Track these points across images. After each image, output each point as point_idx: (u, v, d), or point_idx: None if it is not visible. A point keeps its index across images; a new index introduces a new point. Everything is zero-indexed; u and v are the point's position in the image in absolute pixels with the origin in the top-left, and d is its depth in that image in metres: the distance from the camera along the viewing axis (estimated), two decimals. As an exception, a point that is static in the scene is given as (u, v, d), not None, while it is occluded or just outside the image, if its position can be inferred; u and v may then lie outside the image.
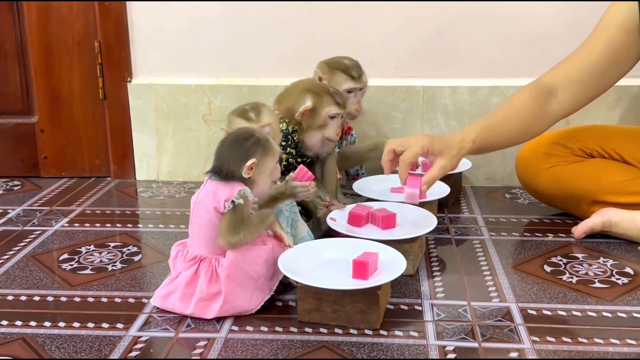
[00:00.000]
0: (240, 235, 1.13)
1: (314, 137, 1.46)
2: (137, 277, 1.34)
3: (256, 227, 1.15)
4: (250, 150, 1.15)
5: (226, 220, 1.13)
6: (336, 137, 1.48)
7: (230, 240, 1.14)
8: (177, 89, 1.91)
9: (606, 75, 1.49)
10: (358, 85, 1.62)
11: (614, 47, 1.47)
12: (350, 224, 1.37)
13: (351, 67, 1.61)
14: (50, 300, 1.24)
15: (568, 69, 1.49)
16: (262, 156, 1.16)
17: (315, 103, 1.43)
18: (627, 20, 1.46)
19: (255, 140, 1.16)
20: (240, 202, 1.13)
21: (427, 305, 1.20)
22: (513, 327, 1.12)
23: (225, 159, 1.16)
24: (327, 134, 1.46)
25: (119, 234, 1.57)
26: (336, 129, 1.47)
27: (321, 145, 1.48)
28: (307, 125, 1.45)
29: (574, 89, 1.47)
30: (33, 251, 1.47)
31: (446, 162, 1.31)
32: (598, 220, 1.47)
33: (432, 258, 1.41)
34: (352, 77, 1.60)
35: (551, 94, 1.46)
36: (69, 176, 2.01)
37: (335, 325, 1.13)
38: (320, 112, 1.44)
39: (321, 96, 1.44)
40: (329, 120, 1.45)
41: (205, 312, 1.16)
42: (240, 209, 1.13)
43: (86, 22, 1.90)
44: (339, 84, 1.57)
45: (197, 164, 1.93)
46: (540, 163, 1.59)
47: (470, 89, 1.84)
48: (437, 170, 1.31)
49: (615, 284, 1.28)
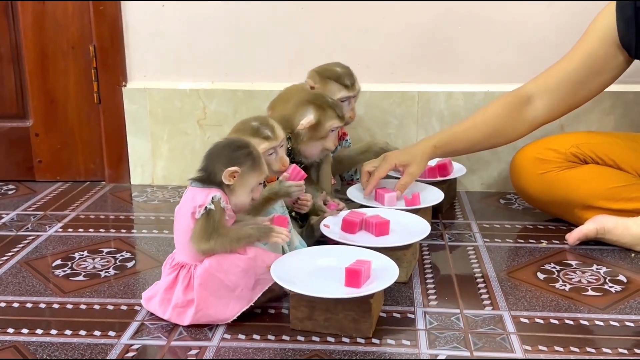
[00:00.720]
0: (211, 244, 1.13)
1: (314, 147, 1.47)
2: (130, 283, 1.33)
3: (230, 241, 1.14)
4: (240, 159, 1.15)
5: (198, 226, 1.13)
6: (334, 147, 1.50)
7: (200, 246, 1.13)
8: (172, 93, 1.91)
9: (585, 85, 1.54)
10: (352, 94, 1.61)
11: (593, 57, 1.51)
12: (343, 230, 1.37)
13: (344, 75, 1.60)
14: (43, 308, 1.24)
15: (547, 78, 1.57)
16: (248, 169, 1.16)
17: (320, 117, 1.44)
18: (607, 32, 1.50)
19: (247, 152, 1.16)
20: (212, 207, 1.12)
21: (420, 313, 1.20)
22: (505, 336, 1.13)
23: (211, 160, 1.16)
24: (326, 145, 1.48)
25: (113, 240, 1.56)
26: (335, 139, 1.49)
27: (320, 153, 1.49)
28: (308, 138, 1.45)
29: (550, 97, 1.55)
30: (26, 257, 1.47)
31: (414, 169, 1.53)
32: (592, 227, 1.47)
33: (426, 265, 1.41)
34: (345, 86, 1.59)
35: (528, 101, 1.56)
36: (63, 180, 2.01)
37: (328, 333, 1.13)
38: (323, 125, 1.45)
39: (325, 110, 1.45)
40: (329, 133, 1.46)
41: (180, 318, 1.16)
42: (212, 215, 1.12)
43: (81, 26, 1.90)
44: (332, 94, 1.57)
45: (192, 168, 1.88)
46: (534, 169, 1.59)
47: (466, 95, 1.84)
48: (406, 177, 1.53)
49: (608, 291, 1.28)
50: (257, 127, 1.30)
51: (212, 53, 1.90)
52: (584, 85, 1.53)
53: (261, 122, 1.31)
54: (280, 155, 1.33)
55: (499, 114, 1.56)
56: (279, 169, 1.32)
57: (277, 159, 1.33)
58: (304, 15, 1.85)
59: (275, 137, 1.31)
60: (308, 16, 1.85)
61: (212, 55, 1.90)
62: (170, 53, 1.91)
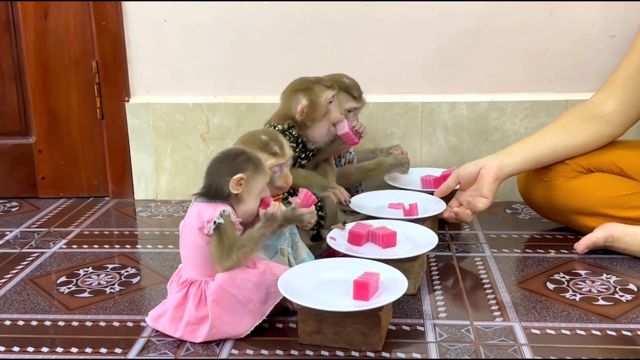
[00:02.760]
0: (233, 258, 1.12)
1: (322, 127, 1.48)
2: (135, 299, 1.32)
3: (249, 247, 1.13)
4: (241, 165, 1.15)
5: (214, 245, 1.12)
6: (342, 116, 1.50)
7: (224, 265, 1.13)
8: (175, 108, 1.91)
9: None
10: (359, 105, 1.64)
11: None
12: (350, 243, 1.36)
13: (352, 87, 1.63)
14: (48, 325, 1.23)
15: (612, 82, 1.53)
16: (252, 173, 1.15)
17: (310, 97, 1.46)
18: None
19: (246, 157, 1.16)
20: (221, 221, 1.11)
21: (430, 326, 1.19)
22: (517, 347, 1.11)
23: (214, 174, 1.16)
24: (332, 118, 1.48)
25: (118, 256, 1.55)
26: (338, 109, 1.50)
27: (329, 132, 1.49)
28: (311, 120, 1.46)
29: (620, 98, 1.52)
30: (31, 274, 1.46)
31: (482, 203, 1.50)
32: (600, 235, 1.46)
33: (434, 276, 1.40)
34: (354, 97, 1.62)
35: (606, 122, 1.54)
36: (67, 196, 2.00)
37: (337, 347, 1.12)
38: (318, 103, 1.46)
39: (311, 89, 1.47)
40: (329, 106, 1.47)
41: (193, 336, 1.14)
42: (223, 229, 1.12)
43: (83, 42, 1.90)
44: (340, 104, 1.57)
45: (196, 182, 1.91)
46: (541, 177, 1.58)
47: (469, 105, 1.84)
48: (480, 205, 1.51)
49: (619, 301, 1.27)
50: (266, 141, 1.27)
51: (214, 67, 1.89)
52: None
53: (271, 137, 1.29)
54: (284, 172, 1.30)
55: (587, 143, 1.54)
56: (281, 186, 1.30)
57: (282, 176, 1.29)
58: (306, 28, 1.85)
59: (283, 154, 1.28)
60: (310, 29, 1.84)
61: (214, 69, 1.90)
62: (172, 67, 1.91)
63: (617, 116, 1.53)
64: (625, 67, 1.53)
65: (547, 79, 1.69)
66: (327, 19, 1.83)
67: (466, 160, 1.85)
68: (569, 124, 1.56)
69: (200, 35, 1.87)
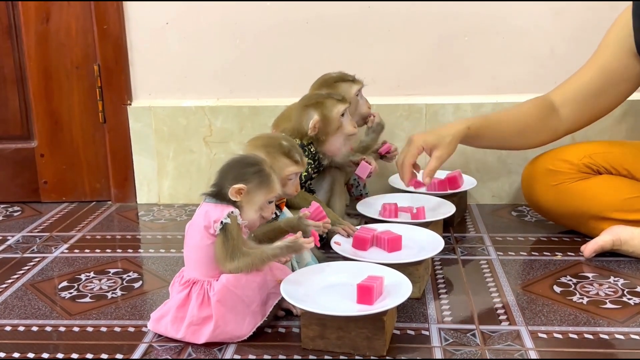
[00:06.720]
0: (235, 263, 1.11)
1: (336, 141, 1.48)
2: (137, 304, 1.31)
3: (255, 262, 1.12)
4: (246, 175, 1.14)
5: (218, 245, 1.12)
6: (355, 130, 1.50)
7: (226, 266, 1.12)
8: (177, 111, 1.90)
9: (604, 95, 1.53)
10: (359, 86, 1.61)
11: (609, 67, 1.50)
12: (355, 247, 1.35)
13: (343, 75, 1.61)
14: (49, 331, 1.21)
15: (566, 88, 1.55)
16: (255, 186, 1.14)
17: (322, 112, 1.45)
18: (622, 42, 1.48)
19: (257, 169, 1.15)
20: (228, 221, 1.10)
21: (435, 330, 1.17)
22: (524, 352, 1.09)
23: (222, 176, 1.15)
24: (346, 131, 1.48)
25: (120, 260, 1.54)
26: (351, 122, 1.49)
27: (344, 144, 1.49)
28: (324, 135, 1.46)
29: (571, 107, 1.54)
30: (32, 279, 1.44)
31: (441, 151, 1.45)
32: (608, 239, 1.44)
33: (439, 279, 1.38)
34: (351, 82, 1.60)
35: (553, 109, 1.54)
36: (69, 201, 1.99)
37: (340, 352, 1.10)
38: (330, 117, 1.46)
39: (322, 103, 1.46)
40: (341, 119, 1.47)
41: (195, 336, 1.13)
42: (229, 230, 1.11)
43: (85, 46, 1.89)
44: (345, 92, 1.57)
45: (199, 186, 1.90)
46: (546, 180, 1.56)
47: (474, 106, 1.82)
48: (434, 162, 1.45)
49: (627, 304, 1.25)
50: (289, 148, 1.28)
51: (216, 70, 1.88)
52: (602, 95, 1.52)
53: (292, 145, 1.30)
54: (296, 182, 1.32)
55: (531, 113, 1.54)
56: (291, 193, 1.31)
57: (294, 183, 1.31)
58: (308, 30, 1.83)
59: (302, 163, 1.30)
60: (312, 31, 1.83)
61: (216, 72, 1.89)
62: (174, 71, 1.90)
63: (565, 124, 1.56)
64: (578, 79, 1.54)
65: (552, 81, 1.68)
66: (329, 20, 1.82)
67: (471, 162, 1.84)
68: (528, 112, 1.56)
69: (202, 38, 1.86)
